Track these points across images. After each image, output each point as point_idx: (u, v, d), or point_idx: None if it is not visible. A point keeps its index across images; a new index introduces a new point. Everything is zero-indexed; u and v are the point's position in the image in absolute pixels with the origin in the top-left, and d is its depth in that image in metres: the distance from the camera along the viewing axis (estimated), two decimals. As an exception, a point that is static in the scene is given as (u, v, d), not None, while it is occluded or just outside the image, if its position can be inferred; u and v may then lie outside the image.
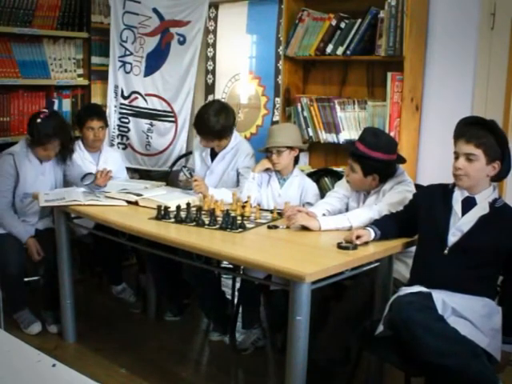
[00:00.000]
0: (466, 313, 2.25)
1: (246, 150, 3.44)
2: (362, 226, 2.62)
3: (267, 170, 3.24)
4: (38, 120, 3.23)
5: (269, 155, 3.18)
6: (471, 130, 2.36)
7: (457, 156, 2.36)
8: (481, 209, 2.35)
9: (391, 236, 2.57)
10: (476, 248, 2.31)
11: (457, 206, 2.39)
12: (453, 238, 2.36)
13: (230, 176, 3.44)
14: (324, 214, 2.85)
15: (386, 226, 2.57)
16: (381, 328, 2.31)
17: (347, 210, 2.95)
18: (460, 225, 2.36)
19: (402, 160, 2.87)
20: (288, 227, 2.75)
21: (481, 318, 2.26)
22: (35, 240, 3.30)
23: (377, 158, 2.75)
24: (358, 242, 2.45)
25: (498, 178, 2.41)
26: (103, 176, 3.24)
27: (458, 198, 2.40)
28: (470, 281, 2.31)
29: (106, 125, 3.85)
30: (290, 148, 3.15)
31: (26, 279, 3.36)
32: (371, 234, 2.52)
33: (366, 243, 2.49)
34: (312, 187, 3.23)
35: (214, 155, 3.49)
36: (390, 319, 2.25)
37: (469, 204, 2.38)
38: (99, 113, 3.79)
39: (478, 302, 2.31)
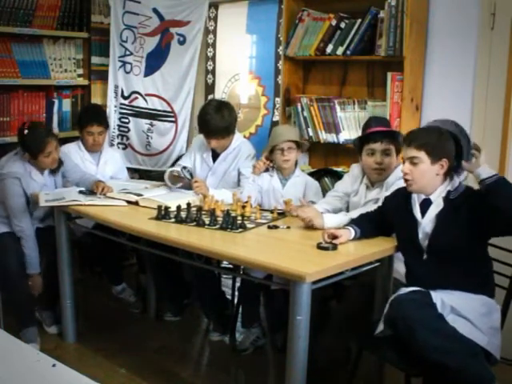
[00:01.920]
0: (464, 311, 2.25)
1: (248, 150, 3.44)
2: None
3: (266, 170, 3.25)
4: (25, 132, 3.20)
5: (277, 155, 3.18)
6: (412, 134, 2.39)
7: (404, 162, 2.40)
8: (435, 206, 2.37)
9: (370, 235, 2.58)
10: (448, 245, 2.31)
11: (415, 209, 2.41)
12: (424, 242, 2.38)
13: (231, 176, 3.44)
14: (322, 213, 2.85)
15: (365, 225, 2.58)
16: (381, 327, 2.31)
17: (348, 208, 2.96)
18: (423, 228, 2.38)
19: None
20: (288, 227, 2.76)
21: (480, 317, 2.26)
22: (40, 278, 3.26)
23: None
24: (336, 242, 2.45)
25: (456, 172, 2.39)
26: (100, 192, 3.25)
27: (415, 201, 2.43)
28: (460, 278, 2.31)
29: (107, 127, 3.85)
30: (298, 147, 3.17)
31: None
32: (351, 232, 2.53)
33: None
34: (314, 186, 3.24)
35: (215, 156, 3.49)
36: (390, 316, 2.25)
37: (426, 205, 2.40)
38: (99, 117, 3.73)
39: (477, 300, 2.31)
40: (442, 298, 2.28)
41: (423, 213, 2.40)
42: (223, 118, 3.27)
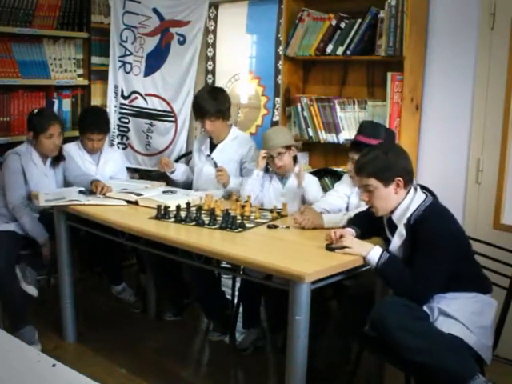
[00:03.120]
0: (452, 311, 2.23)
1: (248, 142, 3.52)
2: None
3: (267, 171, 3.26)
4: (35, 111, 3.42)
5: (269, 160, 3.19)
6: (358, 163, 2.38)
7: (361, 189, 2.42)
8: (399, 236, 2.34)
9: (367, 234, 2.57)
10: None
11: (385, 227, 2.43)
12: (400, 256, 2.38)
13: (231, 167, 3.46)
14: (321, 213, 2.84)
15: (362, 225, 2.58)
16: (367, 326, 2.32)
17: (347, 208, 2.96)
18: (391, 250, 2.37)
19: None
20: (288, 227, 2.76)
21: (470, 316, 2.24)
22: (51, 242, 3.29)
23: None
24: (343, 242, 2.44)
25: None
26: (99, 192, 3.26)
27: (384, 218, 2.45)
28: (447, 283, 2.28)
29: (108, 132, 3.85)
30: (289, 148, 3.16)
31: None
32: (353, 233, 2.53)
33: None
34: (314, 183, 3.24)
35: (212, 148, 3.53)
36: (371, 321, 2.25)
37: (392, 225, 2.40)
38: (101, 125, 3.70)
39: (469, 298, 2.30)
40: (429, 302, 2.28)
41: (391, 231, 2.40)
42: (216, 99, 3.37)
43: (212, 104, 3.35)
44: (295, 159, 3.23)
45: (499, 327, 2.40)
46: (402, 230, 2.32)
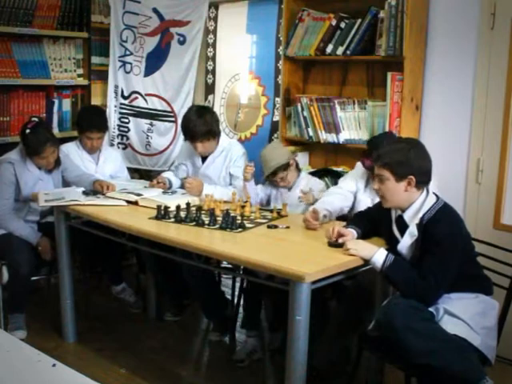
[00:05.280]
0: (458, 312, 2.24)
1: (237, 151, 3.46)
2: None
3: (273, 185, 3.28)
4: (27, 131, 3.26)
5: (273, 180, 3.23)
6: (379, 151, 2.38)
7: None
8: (410, 236, 2.35)
9: (368, 234, 2.57)
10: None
11: (393, 226, 2.42)
12: (406, 258, 2.38)
13: (226, 180, 3.46)
14: (325, 215, 2.83)
15: (363, 225, 2.57)
16: (372, 325, 2.31)
17: (353, 205, 2.95)
18: (400, 249, 2.37)
19: None
20: (288, 227, 2.76)
21: (474, 316, 2.24)
22: (46, 238, 3.30)
23: None
24: (340, 241, 2.44)
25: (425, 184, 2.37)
26: (105, 190, 3.27)
27: (393, 216, 2.44)
28: (451, 283, 2.28)
29: (106, 131, 3.85)
30: (287, 166, 3.18)
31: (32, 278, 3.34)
32: (354, 234, 2.53)
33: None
34: (318, 185, 3.26)
35: (203, 159, 3.51)
36: (378, 320, 2.25)
37: (402, 224, 2.39)
38: (100, 123, 3.70)
39: (473, 299, 2.30)
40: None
41: (400, 229, 2.39)
42: (206, 121, 3.31)
43: (201, 126, 3.30)
44: (297, 165, 3.27)
45: (500, 327, 2.40)
46: (413, 230, 2.32)
